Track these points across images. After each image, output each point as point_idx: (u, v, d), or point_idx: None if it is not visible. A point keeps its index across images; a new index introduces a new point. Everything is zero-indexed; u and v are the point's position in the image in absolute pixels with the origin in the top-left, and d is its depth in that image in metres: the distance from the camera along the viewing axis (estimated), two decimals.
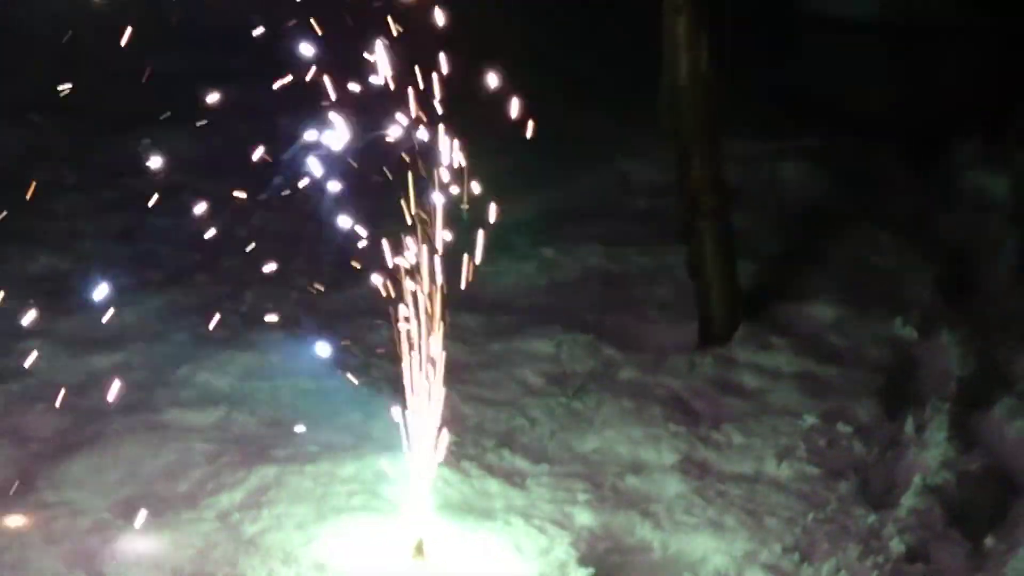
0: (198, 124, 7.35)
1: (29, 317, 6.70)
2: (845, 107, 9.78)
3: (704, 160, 6.79)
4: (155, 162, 7.30)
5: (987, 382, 6.58)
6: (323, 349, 6.41)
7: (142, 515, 5.33)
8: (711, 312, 6.91)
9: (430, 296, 5.54)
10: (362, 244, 5.80)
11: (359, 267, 6.35)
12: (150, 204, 7.58)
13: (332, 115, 5.57)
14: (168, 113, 8.03)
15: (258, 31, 6.54)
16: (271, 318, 6.82)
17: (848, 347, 6.91)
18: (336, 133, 5.54)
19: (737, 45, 10.11)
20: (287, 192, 6.50)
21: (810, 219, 8.38)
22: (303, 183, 5.76)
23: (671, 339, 6.97)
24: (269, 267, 6.93)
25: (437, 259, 5.42)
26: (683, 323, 7.05)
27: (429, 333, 5.55)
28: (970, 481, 5.74)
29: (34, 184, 8.17)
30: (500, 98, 5.88)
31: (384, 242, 5.45)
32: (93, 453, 5.82)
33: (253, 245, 7.55)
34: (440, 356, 5.46)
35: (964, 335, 6.97)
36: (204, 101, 6.63)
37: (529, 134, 6.01)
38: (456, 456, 5.81)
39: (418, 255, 5.40)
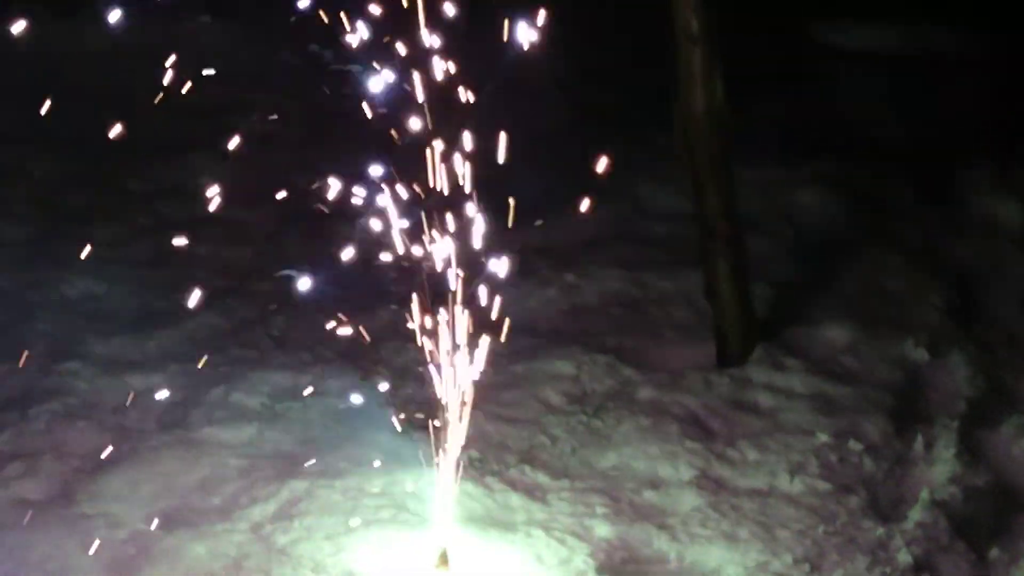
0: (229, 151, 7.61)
1: (68, 339, 7.04)
2: (860, 136, 9.99)
3: (718, 188, 6.98)
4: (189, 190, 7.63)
5: (995, 401, 6.80)
6: (352, 371, 6.70)
7: (177, 525, 5.60)
8: (727, 333, 7.10)
9: (457, 320, 5.81)
10: (392, 269, 6.06)
11: (389, 291, 6.65)
12: (184, 230, 7.93)
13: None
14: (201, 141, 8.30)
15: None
16: (302, 340, 7.10)
17: (860, 368, 7.10)
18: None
19: (756, 75, 10.43)
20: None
21: (824, 245, 8.58)
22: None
23: (689, 360, 7.17)
24: (300, 290, 7.23)
25: (463, 283, 5.69)
26: (700, 345, 7.25)
27: (455, 356, 5.83)
28: (976, 496, 5.97)
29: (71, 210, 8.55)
30: (523, 128, 6.16)
31: (412, 266, 5.72)
32: (130, 468, 6.08)
33: (283, 270, 7.86)
34: (467, 378, 5.73)
35: (973, 356, 7.18)
36: (237, 130, 6.95)
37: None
38: (480, 471, 6.05)
39: (447, 280, 5.67)
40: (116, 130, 8.87)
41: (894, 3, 10.59)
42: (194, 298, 7.00)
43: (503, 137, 5.97)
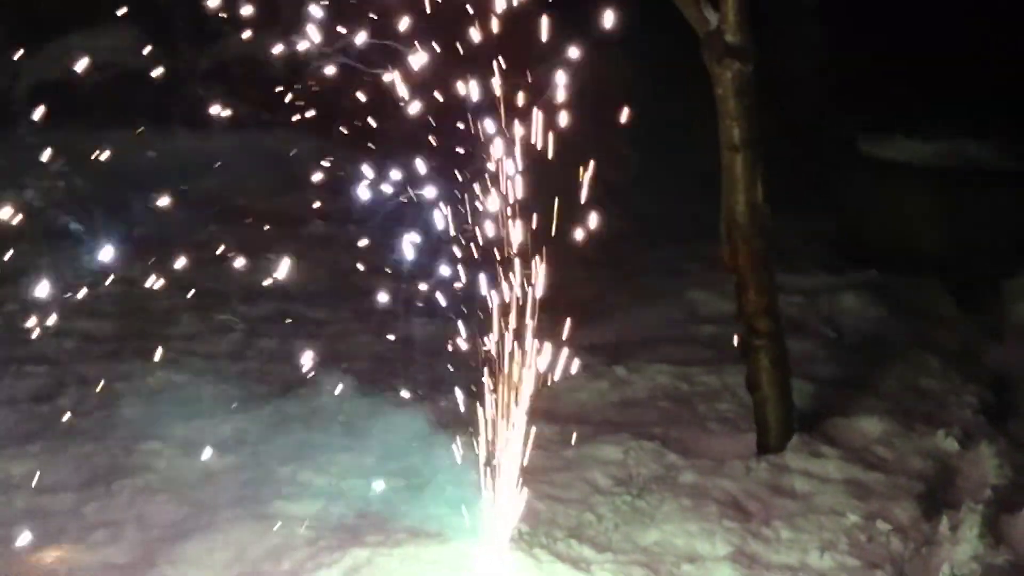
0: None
1: (150, 423, 7.61)
2: (902, 246, 10.47)
3: (759, 288, 7.34)
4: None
5: (1019, 490, 7.14)
6: (412, 453, 7.23)
7: None
8: (767, 423, 7.48)
9: (512, 408, 6.39)
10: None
11: (451, 373, 7.18)
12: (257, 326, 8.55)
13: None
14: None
15: None
16: (365, 426, 7.61)
17: (892, 457, 7.47)
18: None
19: (803, 187, 10.97)
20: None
21: (864, 347, 9.02)
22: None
23: (730, 449, 7.57)
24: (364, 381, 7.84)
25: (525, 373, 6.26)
26: (742, 436, 7.66)
27: (510, 441, 6.40)
28: (995, 573, 6.31)
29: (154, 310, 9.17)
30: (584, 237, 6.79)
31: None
32: (206, 538, 6.54)
33: (347, 364, 8.42)
34: (519, 460, 6.25)
35: (1002, 448, 7.52)
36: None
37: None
38: (529, 544, 6.46)
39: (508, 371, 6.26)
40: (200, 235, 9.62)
41: (936, 119, 11.04)
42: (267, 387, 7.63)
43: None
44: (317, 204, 10.56)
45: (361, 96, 8.21)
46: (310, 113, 9.75)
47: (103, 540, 6.54)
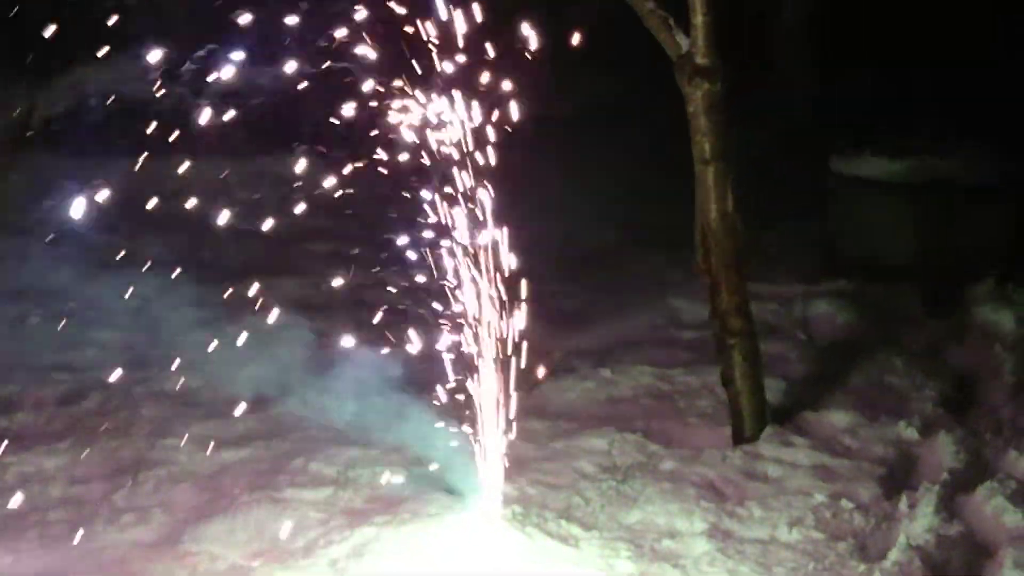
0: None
1: (169, 421, 8.21)
2: (873, 256, 11.09)
3: (731, 289, 7.88)
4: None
5: (974, 473, 7.72)
6: (412, 446, 7.85)
7: (269, 561, 6.70)
8: (741, 415, 8.04)
9: (506, 405, 7.04)
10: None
11: (448, 375, 7.79)
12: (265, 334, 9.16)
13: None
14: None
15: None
16: (372, 422, 8.21)
17: (858, 446, 8.05)
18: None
19: (778, 201, 11.62)
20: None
21: (834, 348, 9.64)
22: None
23: (708, 440, 8.15)
24: (368, 382, 8.47)
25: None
26: (719, 429, 8.23)
27: (504, 435, 7.06)
28: (949, 544, 6.84)
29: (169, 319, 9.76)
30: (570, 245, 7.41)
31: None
32: (227, 519, 7.14)
33: (352, 368, 9.01)
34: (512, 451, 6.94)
35: (960, 437, 8.09)
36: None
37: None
38: (522, 523, 7.05)
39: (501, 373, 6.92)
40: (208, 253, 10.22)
41: (905, 137, 11.65)
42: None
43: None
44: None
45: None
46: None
47: (132, 522, 7.16)
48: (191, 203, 11.55)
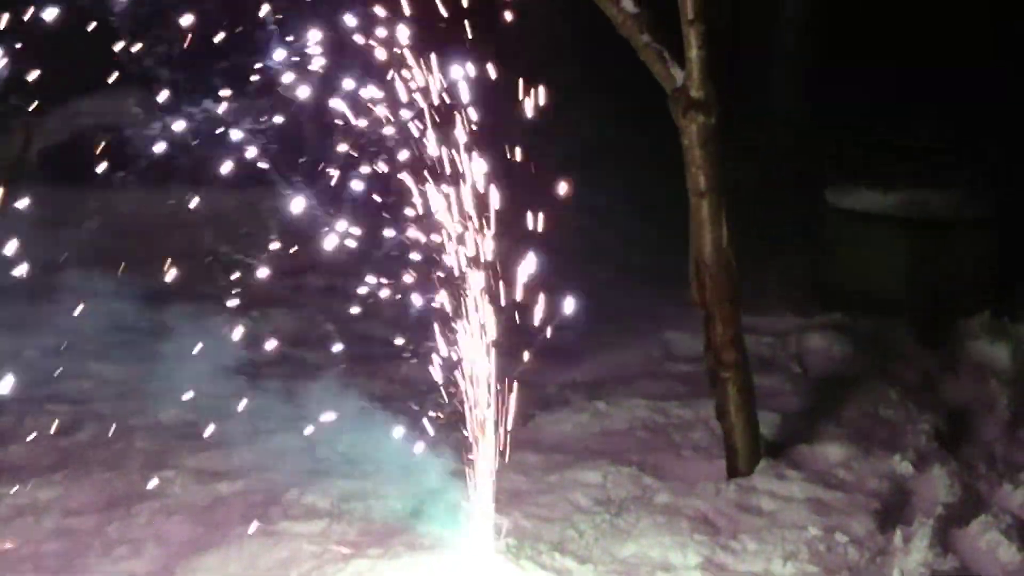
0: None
1: (163, 453, 8.21)
2: (867, 290, 11.12)
3: (725, 321, 7.87)
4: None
5: (969, 507, 7.74)
6: (406, 478, 7.85)
7: None
8: (735, 448, 8.04)
9: (499, 438, 7.05)
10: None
11: (441, 408, 7.80)
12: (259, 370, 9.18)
13: None
14: None
15: None
16: (365, 455, 8.21)
17: (852, 479, 8.05)
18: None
19: (772, 234, 11.66)
20: None
21: (829, 381, 9.65)
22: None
23: (702, 473, 8.15)
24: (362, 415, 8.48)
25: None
26: (713, 462, 8.24)
27: (497, 468, 7.06)
28: None
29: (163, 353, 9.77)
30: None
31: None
32: (220, 552, 7.12)
33: (345, 401, 9.02)
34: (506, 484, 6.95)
35: (953, 471, 8.13)
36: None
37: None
38: (516, 556, 7.05)
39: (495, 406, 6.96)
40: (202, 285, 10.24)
41: (897, 171, 11.68)
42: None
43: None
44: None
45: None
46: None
47: (125, 555, 7.13)
48: (188, 235, 11.74)
